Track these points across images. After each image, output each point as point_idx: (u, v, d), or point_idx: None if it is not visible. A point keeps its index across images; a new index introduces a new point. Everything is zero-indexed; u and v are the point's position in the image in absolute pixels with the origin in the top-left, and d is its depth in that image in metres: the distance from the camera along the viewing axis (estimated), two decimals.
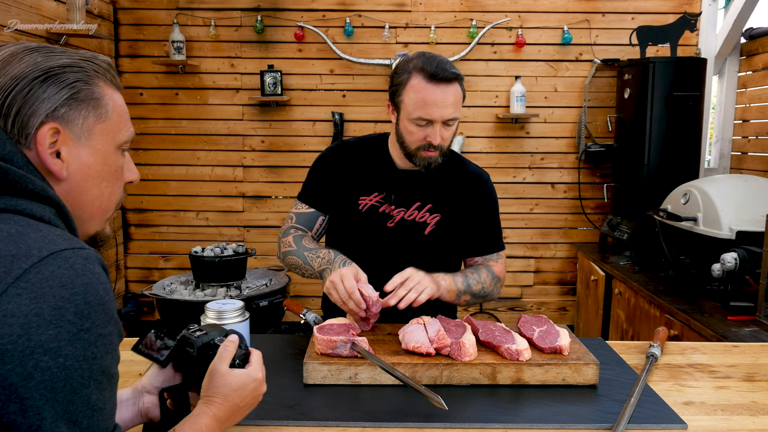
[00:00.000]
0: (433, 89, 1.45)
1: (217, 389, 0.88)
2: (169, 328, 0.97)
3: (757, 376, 1.32)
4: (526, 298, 3.97)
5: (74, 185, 0.79)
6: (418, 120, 1.48)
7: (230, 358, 0.91)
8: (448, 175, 1.63)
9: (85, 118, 0.78)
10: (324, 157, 1.68)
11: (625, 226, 3.34)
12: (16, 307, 0.61)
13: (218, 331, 0.95)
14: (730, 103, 3.62)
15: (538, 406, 1.15)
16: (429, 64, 1.46)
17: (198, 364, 0.91)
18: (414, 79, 1.47)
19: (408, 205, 1.60)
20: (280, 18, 3.72)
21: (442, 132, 1.49)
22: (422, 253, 1.59)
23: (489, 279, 1.61)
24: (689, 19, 3.36)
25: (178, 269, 3.89)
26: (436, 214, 1.60)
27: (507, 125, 3.82)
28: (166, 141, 3.84)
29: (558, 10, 3.73)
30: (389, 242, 1.59)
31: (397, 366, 1.22)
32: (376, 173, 1.62)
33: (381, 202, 1.60)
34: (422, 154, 1.52)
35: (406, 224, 1.60)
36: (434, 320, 1.35)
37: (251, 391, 0.91)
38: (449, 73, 1.45)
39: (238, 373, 0.90)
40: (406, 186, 1.60)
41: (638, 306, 2.76)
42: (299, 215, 1.66)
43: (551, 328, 1.34)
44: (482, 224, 1.66)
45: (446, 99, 1.46)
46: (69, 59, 0.78)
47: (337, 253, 1.50)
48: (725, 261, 2.17)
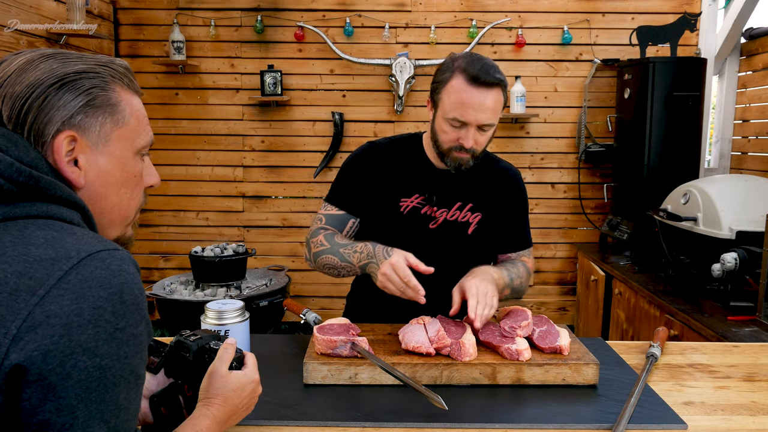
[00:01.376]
0: (472, 92, 1.42)
1: (217, 391, 0.89)
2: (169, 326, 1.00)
3: (757, 376, 1.32)
4: (526, 298, 3.97)
5: (93, 192, 0.79)
6: (453, 120, 1.45)
7: (230, 360, 0.92)
8: (484, 173, 1.63)
9: (102, 125, 0.78)
10: (356, 158, 1.63)
11: (625, 226, 3.34)
12: (59, 308, 0.62)
13: (211, 335, 0.97)
14: (730, 103, 3.62)
15: (538, 406, 1.15)
16: (472, 66, 1.42)
17: (194, 368, 0.93)
18: (455, 79, 1.44)
19: (449, 205, 1.59)
20: (280, 18, 3.72)
21: (476, 136, 1.46)
22: (466, 252, 1.60)
23: (525, 274, 1.63)
24: (689, 19, 3.36)
25: (178, 269, 3.89)
26: (477, 213, 1.60)
27: (507, 125, 3.82)
28: (166, 141, 3.84)
29: (558, 10, 3.73)
30: (433, 243, 1.57)
31: (397, 366, 1.22)
32: (414, 174, 1.60)
33: (422, 204, 1.59)
34: (454, 154, 1.50)
35: (449, 225, 1.59)
36: (434, 320, 1.35)
37: (249, 392, 0.93)
38: (492, 78, 1.41)
39: (237, 375, 0.92)
40: (446, 186, 1.59)
41: (638, 306, 2.76)
42: (329, 217, 1.60)
43: (551, 328, 1.34)
44: (516, 220, 1.68)
45: (484, 103, 1.42)
46: (85, 65, 0.78)
47: (375, 244, 1.44)
48: (725, 261, 2.17)
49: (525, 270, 1.64)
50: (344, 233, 1.60)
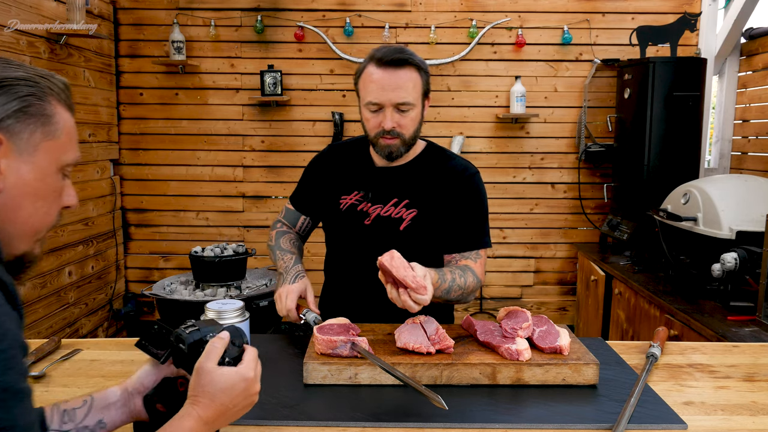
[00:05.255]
0: (381, 73, 1.47)
1: (203, 388, 0.84)
2: (173, 324, 0.95)
3: (757, 376, 1.32)
4: (526, 298, 3.97)
5: (8, 199, 0.76)
6: (370, 105, 1.50)
7: (218, 356, 0.86)
8: (430, 171, 1.62)
9: (32, 133, 0.77)
10: (312, 160, 1.76)
11: (625, 226, 3.34)
12: None
13: (212, 327, 0.91)
14: (730, 103, 3.62)
15: (538, 406, 1.15)
16: (380, 51, 1.49)
17: (190, 361, 0.88)
18: (367, 68, 1.51)
19: (385, 201, 1.61)
20: (280, 18, 3.72)
21: (396, 118, 1.49)
22: (398, 248, 1.57)
23: (471, 285, 1.53)
24: (689, 19, 3.36)
25: (178, 269, 3.89)
26: (412, 209, 1.59)
27: (507, 125, 3.82)
28: (166, 141, 3.84)
29: (558, 10, 3.73)
30: (367, 239, 1.60)
31: (397, 366, 1.22)
32: (355, 172, 1.65)
33: (360, 201, 1.62)
34: (381, 142, 1.53)
35: (382, 220, 1.60)
36: (430, 319, 1.35)
37: (242, 391, 0.86)
38: (398, 57, 1.47)
39: (227, 372, 0.85)
40: (382, 183, 1.61)
41: (638, 306, 2.76)
42: (287, 212, 1.79)
43: (551, 328, 1.34)
44: (462, 219, 1.60)
45: (394, 82, 1.46)
46: (25, 73, 0.78)
47: (295, 263, 1.61)
48: (725, 261, 2.17)
49: (473, 281, 1.53)
50: (297, 228, 1.78)
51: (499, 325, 1.35)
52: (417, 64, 1.50)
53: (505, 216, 3.90)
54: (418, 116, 1.54)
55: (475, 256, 1.59)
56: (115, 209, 3.78)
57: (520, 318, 1.36)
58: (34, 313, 2.97)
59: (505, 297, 3.96)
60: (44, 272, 3.04)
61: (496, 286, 3.96)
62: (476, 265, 1.57)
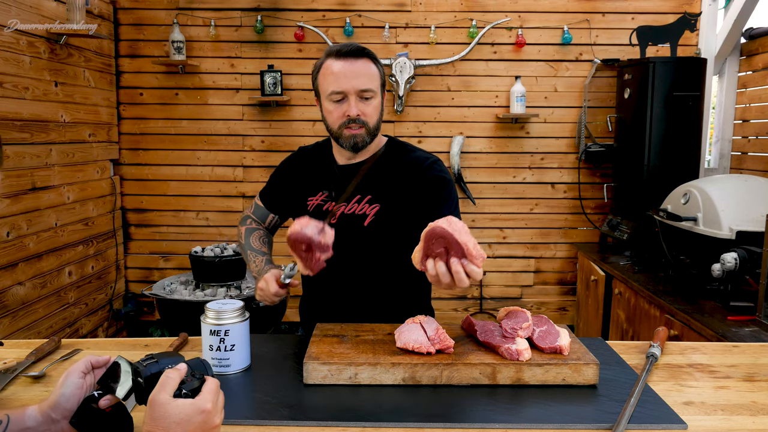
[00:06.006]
0: (340, 63, 1.53)
1: (156, 422, 0.80)
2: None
3: (757, 376, 1.32)
4: (526, 298, 3.97)
5: None
6: (332, 95, 1.53)
7: (173, 388, 0.82)
8: (391, 165, 1.63)
9: None
10: (282, 163, 1.79)
11: (625, 226, 3.34)
12: None
13: (172, 359, 0.88)
14: (730, 103, 3.62)
15: (538, 406, 1.15)
16: (335, 46, 1.56)
17: (147, 396, 0.85)
18: (325, 62, 1.56)
19: (348, 199, 1.62)
20: (280, 18, 3.72)
21: (360, 106, 1.53)
22: (364, 244, 1.60)
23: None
24: (689, 19, 3.36)
25: (178, 269, 3.89)
26: (375, 204, 1.60)
27: (507, 125, 3.82)
28: (166, 141, 3.85)
29: (558, 10, 3.73)
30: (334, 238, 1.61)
31: (398, 366, 1.22)
32: (320, 173, 1.68)
33: (325, 201, 1.65)
34: (346, 133, 1.55)
35: (346, 218, 1.62)
36: (430, 319, 1.35)
37: (199, 423, 0.81)
38: (354, 48, 1.53)
39: (181, 404, 0.81)
40: (345, 181, 1.62)
41: (638, 306, 2.76)
42: (256, 207, 1.84)
43: (551, 328, 1.34)
44: (428, 208, 1.58)
45: (356, 70, 1.52)
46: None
47: (266, 264, 1.65)
48: (725, 261, 2.17)
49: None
50: (266, 224, 1.83)
51: (499, 325, 1.35)
52: (372, 55, 1.57)
53: (505, 216, 3.90)
54: (379, 106, 1.59)
55: None
56: (115, 209, 3.78)
57: (520, 318, 1.35)
58: (34, 313, 2.97)
59: (505, 297, 3.96)
60: (44, 272, 3.04)
61: (496, 286, 3.96)
62: None
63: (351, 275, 1.61)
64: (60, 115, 3.15)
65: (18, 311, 2.84)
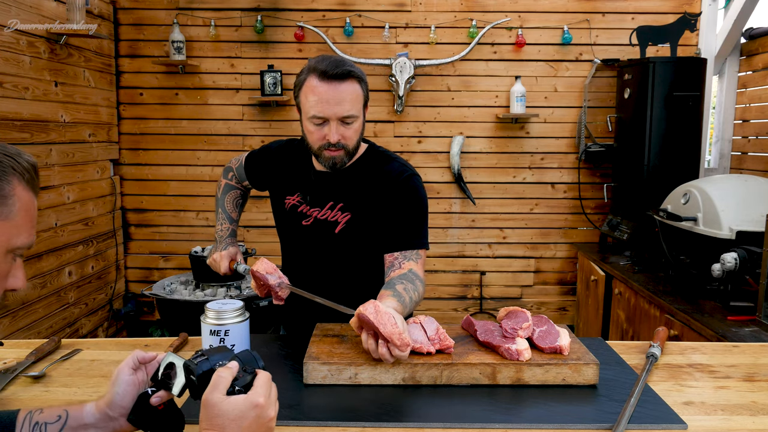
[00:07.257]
0: (325, 87, 1.46)
1: (212, 420, 0.81)
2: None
3: (757, 376, 1.32)
4: (526, 298, 3.97)
5: None
6: (314, 119, 1.49)
7: (225, 386, 0.83)
8: (365, 175, 1.63)
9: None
10: (276, 149, 1.76)
11: (625, 226, 3.34)
12: None
13: (222, 355, 0.89)
14: (730, 103, 3.62)
15: (538, 406, 1.15)
16: (321, 63, 1.47)
17: (201, 392, 0.86)
18: (309, 79, 1.49)
19: (322, 204, 1.64)
20: (280, 18, 3.72)
21: (341, 130, 1.50)
22: (334, 250, 1.64)
23: (420, 292, 1.53)
24: (689, 19, 3.36)
25: (178, 269, 3.89)
26: (346, 213, 1.61)
27: (507, 125, 3.82)
28: (166, 141, 3.84)
29: (558, 10, 3.73)
30: (305, 240, 1.66)
31: (397, 366, 1.22)
32: (297, 174, 1.69)
33: (300, 202, 1.67)
34: (325, 153, 1.54)
35: (319, 223, 1.63)
36: (430, 319, 1.35)
37: (254, 418, 0.82)
38: (341, 70, 1.46)
39: (235, 401, 0.82)
40: (320, 187, 1.64)
41: (638, 306, 2.76)
42: (240, 167, 1.84)
43: (551, 328, 1.34)
44: (398, 221, 1.59)
45: (339, 96, 1.46)
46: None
47: (230, 234, 1.79)
48: (725, 261, 2.17)
49: (422, 289, 1.54)
50: (244, 184, 1.87)
51: (499, 325, 1.35)
52: (358, 76, 1.50)
53: (505, 216, 3.90)
54: (361, 126, 1.56)
55: (416, 257, 1.57)
56: (115, 209, 3.78)
57: (520, 318, 1.36)
58: (34, 313, 2.97)
59: (505, 297, 3.96)
60: (44, 272, 3.04)
61: (496, 286, 3.96)
62: (418, 266, 1.57)
63: (322, 278, 1.65)
64: (60, 115, 3.15)
65: (18, 311, 2.84)
